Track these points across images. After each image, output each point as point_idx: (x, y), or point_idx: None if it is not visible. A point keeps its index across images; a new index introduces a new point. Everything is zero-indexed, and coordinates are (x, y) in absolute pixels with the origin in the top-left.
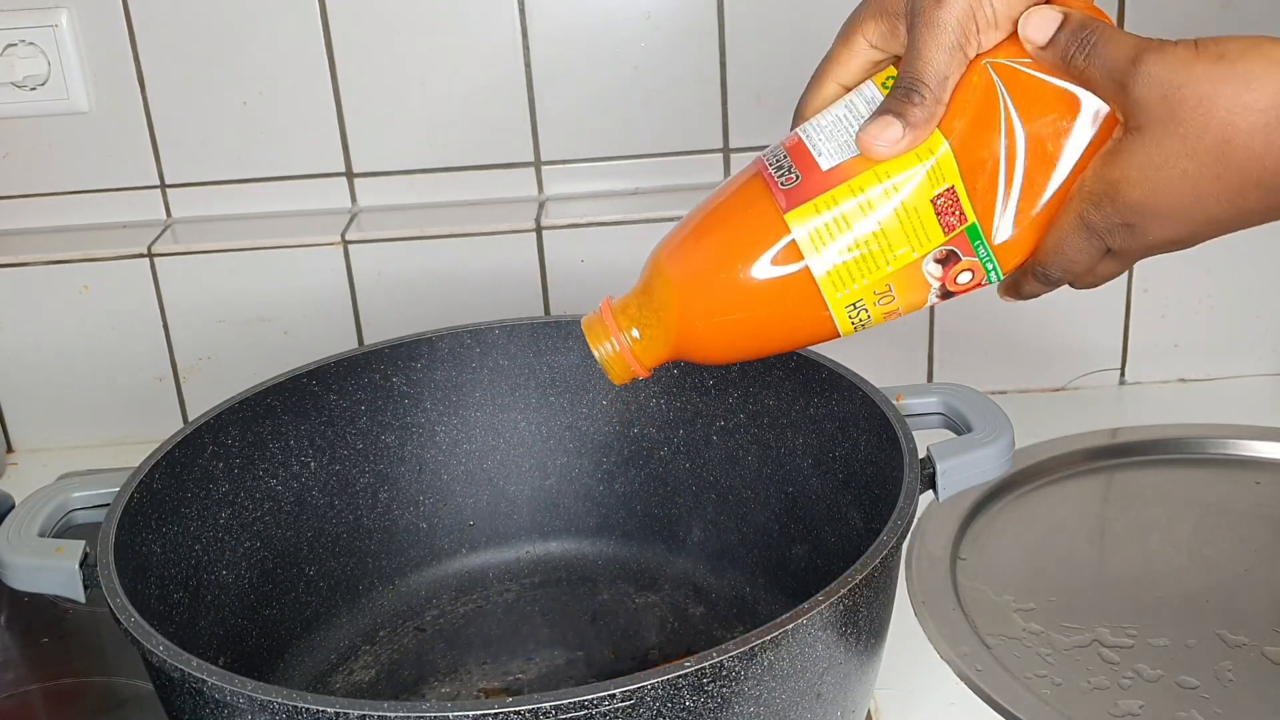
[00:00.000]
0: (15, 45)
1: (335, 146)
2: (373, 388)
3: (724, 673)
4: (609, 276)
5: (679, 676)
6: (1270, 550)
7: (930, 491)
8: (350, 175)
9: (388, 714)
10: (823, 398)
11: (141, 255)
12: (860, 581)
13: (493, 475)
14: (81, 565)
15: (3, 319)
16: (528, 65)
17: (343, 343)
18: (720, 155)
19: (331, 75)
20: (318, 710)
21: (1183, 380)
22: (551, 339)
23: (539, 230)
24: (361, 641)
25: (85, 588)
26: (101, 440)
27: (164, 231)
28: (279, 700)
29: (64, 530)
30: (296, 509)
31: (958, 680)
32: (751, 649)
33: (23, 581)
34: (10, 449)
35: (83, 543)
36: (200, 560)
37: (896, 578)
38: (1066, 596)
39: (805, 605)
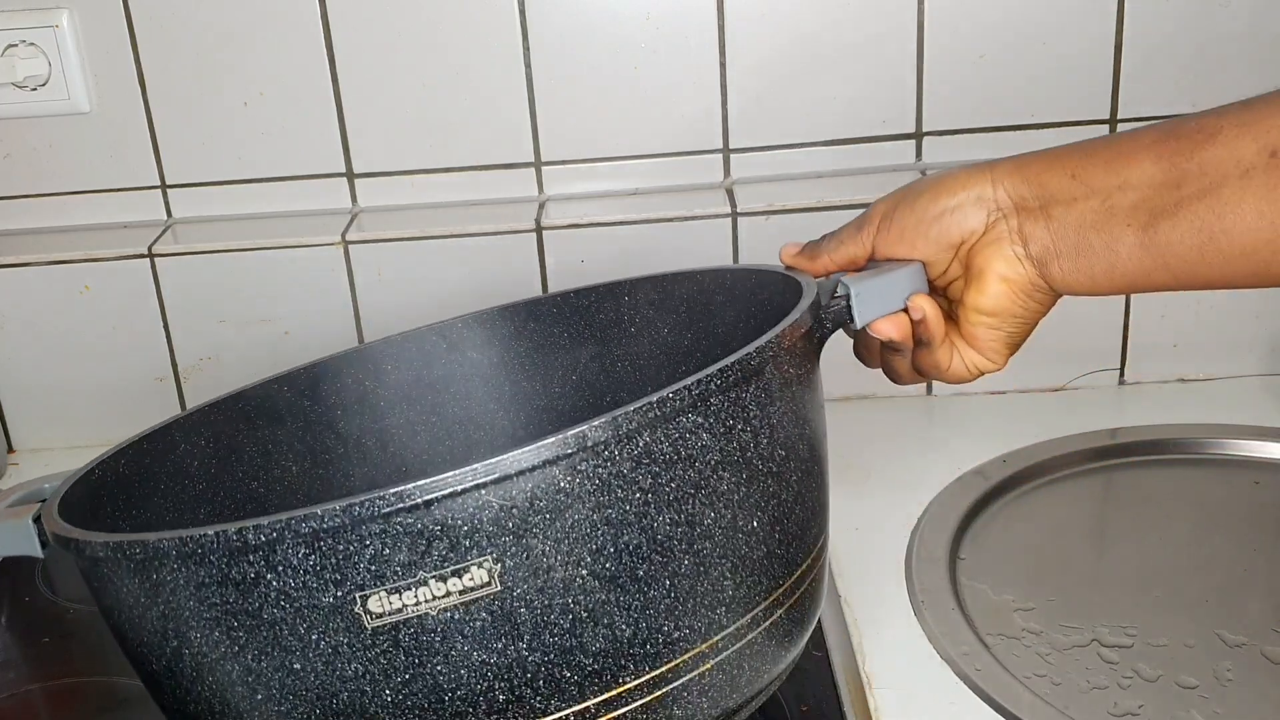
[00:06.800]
0: (16, 46)
1: (335, 146)
2: (346, 392)
3: (591, 445)
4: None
5: (542, 448)
6: (1270, 550)
7: (849, 322)
8: (350, 175)
9: (262, 523)
10: (762, 307)
11: (142, 255)
12: (734, 367)
13: None
14: (35, 520)
15: (3, 319)
16: (528, 65)
17: (343, 343)
18: (720, 155)
19: (331, 75)
20: (199, 534)
21: (1182, 380)
22: (512, 324)
23: (539, 230)
24: None
25: (42, 544)
26: (102, 440)
27: (164, 232)
28: (167, 538)
29: None
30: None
31: (958, 680)
32: (615, 419)
33: None
34: (11, 449)
35: (38, 505)
36: None
37: (808, 402)
38: (1066, 596)
39: (674, 384)
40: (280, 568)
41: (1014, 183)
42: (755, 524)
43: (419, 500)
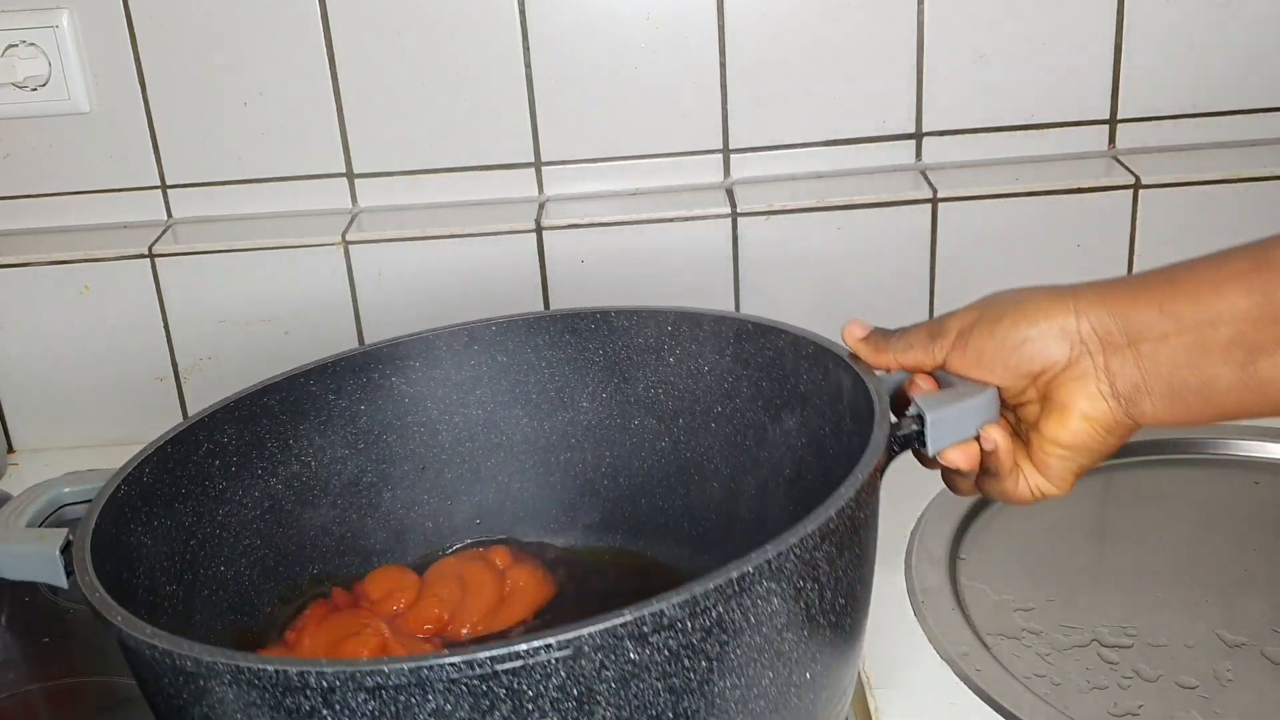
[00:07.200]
0: (16, 46)
1: (335, 146)
2: (372, 387)
3: (666, 622)
4: (609, 276)
5: (619, 625)
6: (1270, 550)
7: (920, 447)
8: (350, 175)
9: (325, 670)
10: (810, 373)
11: (142, 255)
12: (814, 533)
13: (496, 473)
14: (63, 551)
15: (4, 319)
16: (528, 65)
17: (343, 343)
18: (720, 155)
19: (331, 75)
20: (259, 668)
21: None
22: (548, 334)
23: (539, 230)
24: None
25: (68, 574)
26: (102, 440)
27: (165, 232)
28: (223, 661)
29: (55, 524)
30: (298, 508)
31: (958, 680)
32: (694, 597)
33: (8, 569)
34: (11, 449)
35: (65, 530)
36: (196, 555)
37: (870, 537)
38: (1066, 596)
39: (752, 555)
40: (337, 707)
41: (1098, 315)
42: (809, 675)
43: (489, 669)
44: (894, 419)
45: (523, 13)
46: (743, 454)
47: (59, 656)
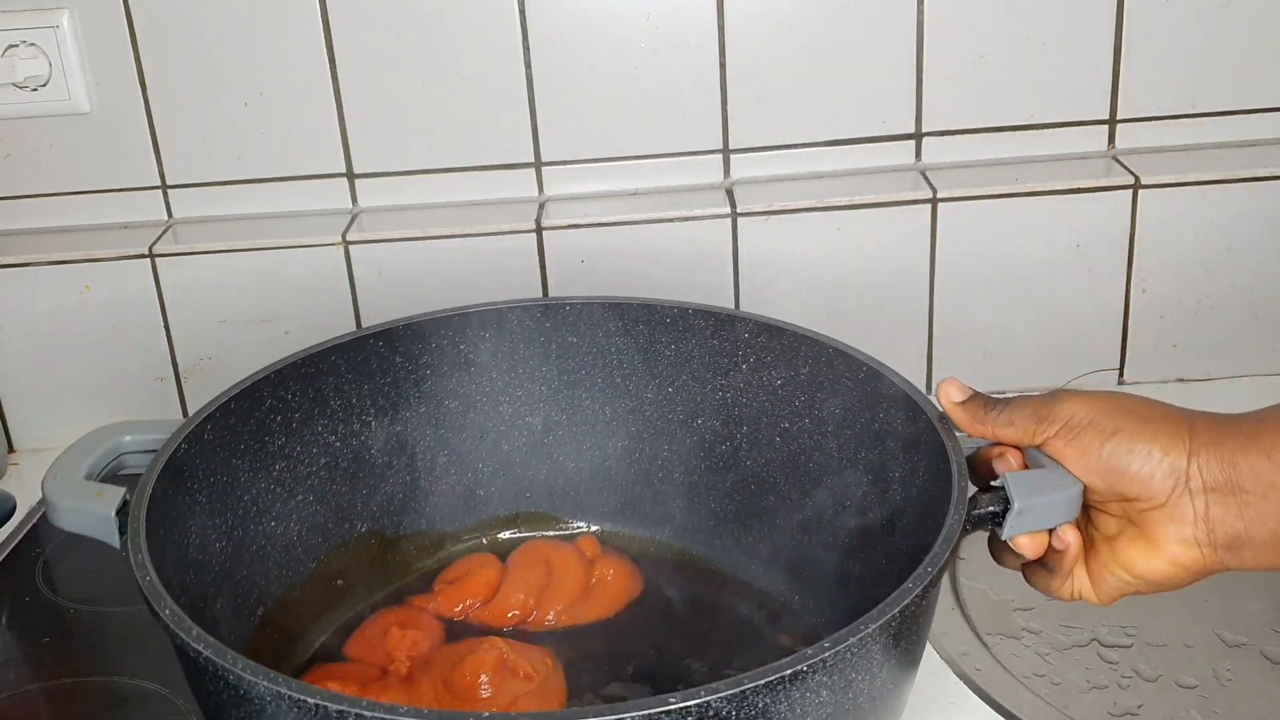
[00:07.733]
0: (16, 46)
1: (336, 146)
2: (439, 353)
3: (712, 713)
4: (609, 276)
5: (662, 713)
6: None
7: (995, 528)
8: (351, 175)
9: (365, 712)
10: (889, 415)
11: (143, 255)
12: (874, 630)
13: (552, 450)
14: (118, 513)
15: (4, 319)
16: (528, 65)
17: None
18: (720, 155)
19: (332, 75)
20: (299, 698)
21: (1181, 380)
22: (622, 320)
23: (539, 230)
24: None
25: (121, 534)
26: None
27: (165, 232)
28: (265, 683)
29: (114, 473)
30: (354, 466)
31: (958, 680)
32: (743, 691)
33: (65, 522)
34: (11, 449)
35: (123, 490)
36: (248, 511)
37: (926, 622)
38: None
39: (809, 651)
40: None
41: (1209, 461)
42: None
43: None
44: (972, 487)
45: (523, 13)
46: (804, 475)
47: (59, 656)
